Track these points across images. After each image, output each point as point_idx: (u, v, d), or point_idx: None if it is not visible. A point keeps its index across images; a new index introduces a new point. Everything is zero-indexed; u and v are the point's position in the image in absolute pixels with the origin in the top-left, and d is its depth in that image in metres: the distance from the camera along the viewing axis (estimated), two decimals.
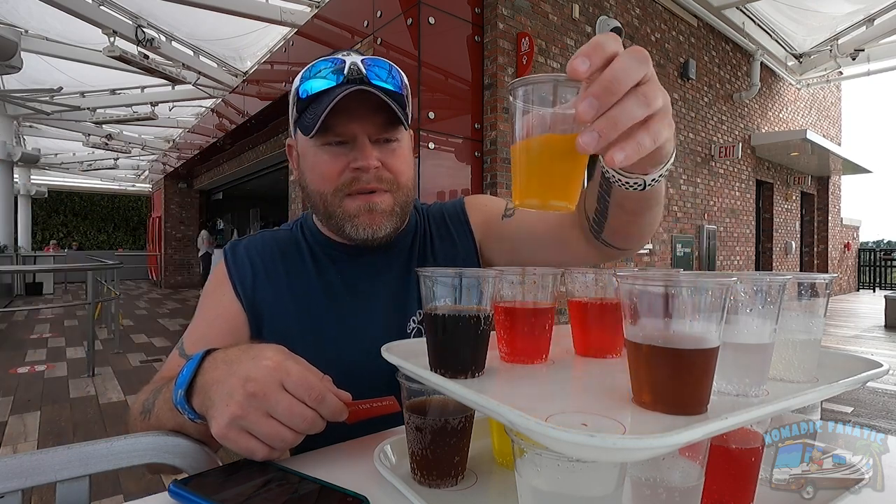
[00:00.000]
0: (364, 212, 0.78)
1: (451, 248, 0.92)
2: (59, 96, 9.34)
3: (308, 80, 0.76)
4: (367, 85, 0.75)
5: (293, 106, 0.80)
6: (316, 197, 0.81)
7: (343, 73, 0.75)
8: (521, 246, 0.86)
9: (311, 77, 0.76)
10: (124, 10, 6.33)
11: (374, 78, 0.76)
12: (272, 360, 0.54)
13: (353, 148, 0.78)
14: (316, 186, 0.80)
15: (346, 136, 0.77)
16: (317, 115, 0.72)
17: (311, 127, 0.73)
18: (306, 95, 0.76)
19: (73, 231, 20.85)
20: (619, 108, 0.36)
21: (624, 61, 0.36)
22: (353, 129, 0.76)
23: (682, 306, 0.38)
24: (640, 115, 0.37)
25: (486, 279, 0.51)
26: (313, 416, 0.54)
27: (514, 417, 0.34)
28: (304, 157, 0.82)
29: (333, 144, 0.77)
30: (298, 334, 0.80)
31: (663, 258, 6.78)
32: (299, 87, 0.77)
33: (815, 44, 9.07)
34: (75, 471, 0.57)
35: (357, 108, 0.75)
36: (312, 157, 0.79)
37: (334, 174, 0.78)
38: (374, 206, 0.79)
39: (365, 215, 0.79)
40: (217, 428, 0.53)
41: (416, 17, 4.42)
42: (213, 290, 0.84)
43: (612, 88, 0.36)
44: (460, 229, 0.94)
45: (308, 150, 0.80)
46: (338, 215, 0.79)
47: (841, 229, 12.70)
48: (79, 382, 4.17)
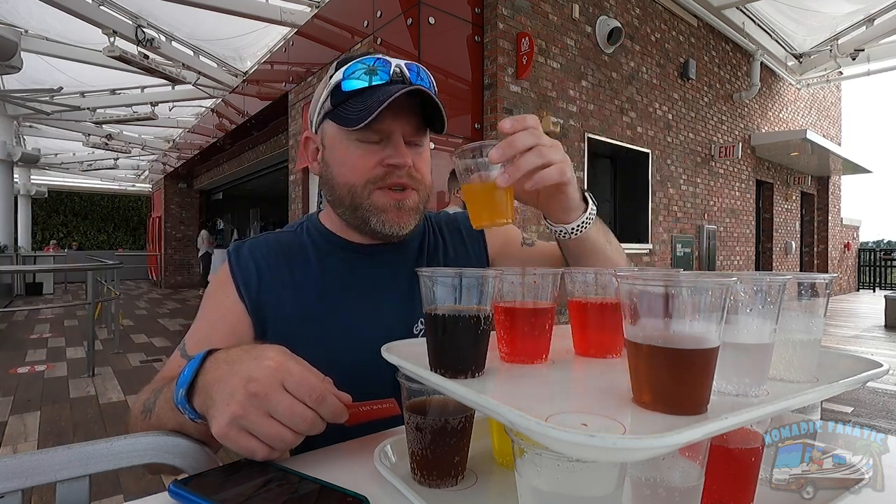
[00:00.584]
0: (393, 208, 0.81)
1: (465, 257, 0.96)
2: (59, 96, 9.34)
3: (351, 77, 0.77)
4: (409, 84, 0.78)
5: (326, 98, 0.80)
6: (343, 189, 0.82)
7: (388, 73, 0.78)
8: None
9: (354, 73, 0.78)
10: (124, 10, 6.33)
11: (416, 79, 0.79)
12: (274, 361, 0.54)
13: (388, 145, 0.80)
14: (345, 178, 0.81)
15: (384, 133, 0.79)
16: (365, 109, 0.74)
17: (358, 120, 0.75)
18: (349, 89, 0.77)
19: (73, 231, 20.85)
20: (522, 159, 0.60)
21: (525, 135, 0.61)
22: (392, 127, 0.79)
23: (682, 306, 0.38)
24: (537, 161, 0.60)
25: (486, 279, 0.51)
26: (313, 417, 0.54)
27: (514, 417, 0.34)
28: (332, 148, 0.83)
29: (368, 141, 0.79)
30: (303, 335, 0.80)
31: (663, 258, 6.78)
32: (341, 81, 0.78)
33: (815, 44, 9.07)
34: (75, 471, 0.57)
35: (398, 109, 0.77)
36: (344, 149, 0.80)
37: (367, 168, 0.80)
38: (403, 204, 0.81)
39: (393, 211, 0.81)
40: (218, 427, 0.53)
41: (416, 17, 4.42)
42: (216, 291, 0.83)
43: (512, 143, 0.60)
44: (475, 242, 0.98)
45: (339, 142, 0.81)
46: (365, 207, 0.81)
47: (841, 229, 12.70)
48: (79, 382, 4.17)
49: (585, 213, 0.71)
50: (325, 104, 0.81)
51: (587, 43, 5.56)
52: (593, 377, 0.51)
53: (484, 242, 0.99)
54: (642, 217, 6.50)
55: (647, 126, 6.39)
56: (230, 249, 0.87)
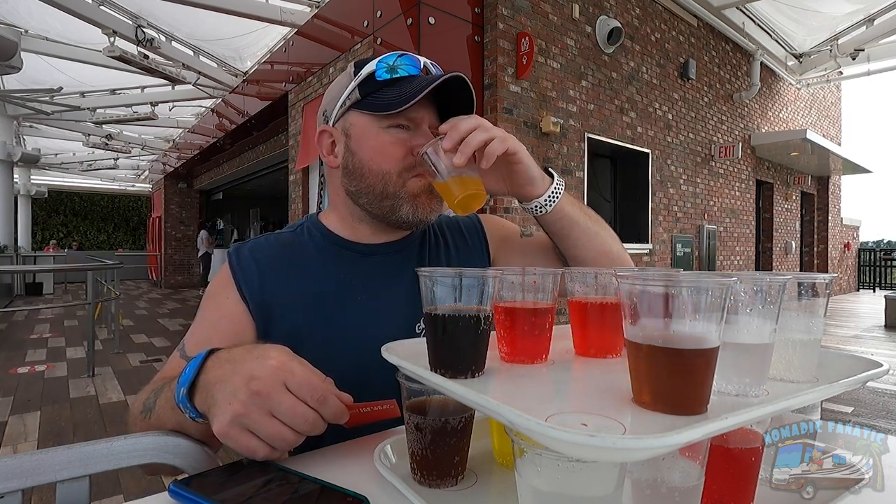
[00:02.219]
0: (426, 192, 0.83)
1: (466, 255, 0.97)
2: (59, 96, 9.33)
3: (385, 66, 0.81)
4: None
5: (354, 90, 0.82)
6: (375, 176, 0.82)
7: (419, 67, 0.83)
8: (538, 261, 0.95)
9: (387, 64, 0.81)
10: (124, 10, 6.33)
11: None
12: (276, 360, 0.54)
13: (417, 134, 0.82)
14: (378, 165, 0.82)
15: (415, 121, 0.82)
16: (407, 93, 0.77)
17: (399, 103, 0.78)
18: (383, 78, 0.81)
19: (73, 231, 20.84)
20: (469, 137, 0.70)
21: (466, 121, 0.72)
22: (422, 116, 0.82)
23: (682, 306, 0.38)
24: (482, 138, 0.70)
25: (486, 279, 0.51)
26: (315, 417, 0.54)
27: (514, 417, 0.34)
28: (361, 138, 0.83)
29: (399, 127, 0.82)
30: (306, 335, 0.80)
31: (663, 258, 6.78)
32: (374, 71, 0.81)
33: (815, 44, 9.07)
34: (75, 471, 0.57)
35: (424, 99, 0.79)
36: (375, 136, 0.82)
37: (400, 154, 0.81)
38: (434, 191, 0.83)
39: (425, 195, 0.83)
40: (219, 426, 0.53)
41: (416, 17, 4.42)
42: (217, 292, 0.83)
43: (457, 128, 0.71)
44: (477, 241, 0.99)
45: (370, 130, 0.82)
46: (399, 195, 0.82)
47: (841, 229, 12.70)
48: (79, 382, 4.17)
49: (552, 185, 0.80)
50: (353, 94, 0.82)
51: (587, 43, 5.56)
52: (593, 377, 0.51)
53: (484, 238, 1.00)
54: (642, 217, 6.50)
55: (647, 126, 6.39)
56: (231, 250, 0.87)
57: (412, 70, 0.82)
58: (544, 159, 5.13)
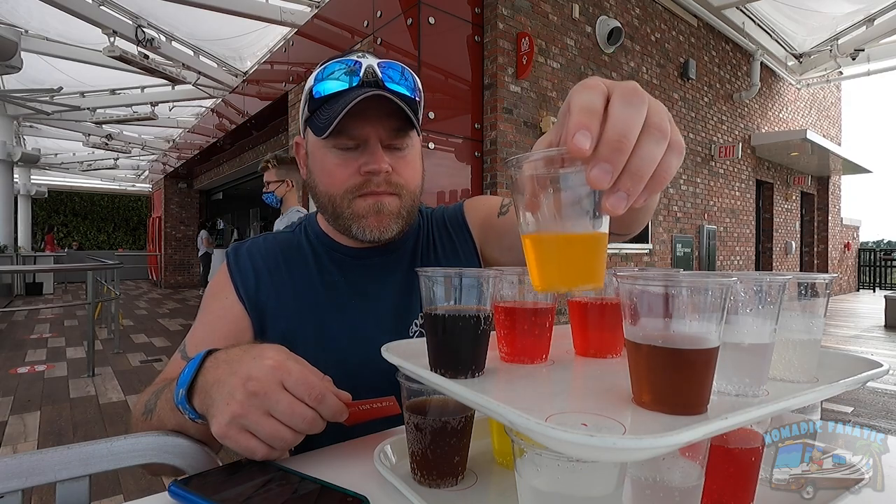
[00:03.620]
0: (372, 213, 0.79)
1: (453, 252, 0.93)
2: (59, 96, 9.34)
3: (322, 81, 0.76)
4: (382, 89, 0.75)
5: (305, 105, 0.80)
6: (324, 198, 0.81)
7: (359, 75, 0.75)
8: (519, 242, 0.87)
9: (325, 78, 0.76)
10: (124, 10, 6.33)
11: (389, 81, 0.76)
12: (273, 360, 0.54)
13: (365, 151, 0.78)
14: (325, 187, 0.80)
15: (358, 139, 0.77)
16: (331, 117, 0.72)
17: (325, 128, 0.73)
18: (320, 96, 0.76)
19: (73, 231, 20.85)
20: (638, 159, 0.33)
21: (622, 110, 0.33)
22: (366, 133, 0.76)
23: (682, 306, 0.38)
24: (660, 151, 0.34)
25: (486, 279, 0.51)
26: (313, 416, 0.54)
27: (514, 417, 0.34)
28: (313, 156, 0.82)
29: (344, 147, 0.77)
30: (301, 335, 0.80)
31: (663, 258, 6.78)
32: (313, 86, 0.76)
33: (815, 44, 9.07)
34: (75, 471, 0.57)
35: (371, 112, 0.75)
36: (322, 158, 0.79)
37: (345, 176, 0.78)
38: (382, 207, 0.79)
39: (373, 216, 0.79)
40: (217, 427, 0.53)
41: (416, 17, 4.42)
42: (216, 293, 0.84)
43: (621, 146, 0.33)
44: (460, 233, 0.95)
45: (318, 150, 0.80)
46: (346, 216, 0.80)
47: (841, 229, 12.70)
48: (79, 382, 4.17)
49: None
50: (304, 111, 0.80)
51: (587, 43, 5.56)
52: (593, 377, 0.51)
53: (468, 228, 0.95)
54: None
55: None
56: (229, 251, 0.87)
57: (339, 85, 0.75)
58: None
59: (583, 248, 0.38)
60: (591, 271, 0.38)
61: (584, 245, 0.38)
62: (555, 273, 0.40)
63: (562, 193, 0.37)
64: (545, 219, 0.38)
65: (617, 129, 0.33)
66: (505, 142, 4.75)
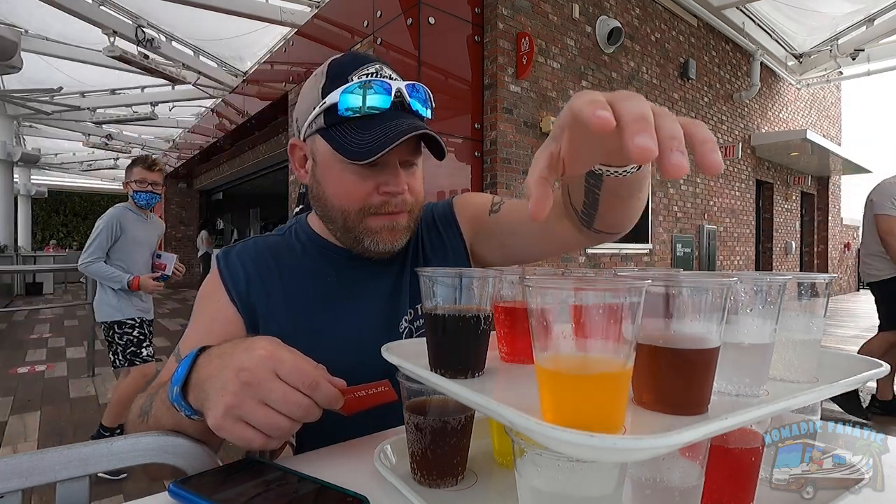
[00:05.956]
0: (386, 229, 0.80)
1: (441, 249, 0.93)
2: (59, 96, 9.34)
3: (350, 99, 0.74)
4: (410, 113, 0.76)
5: (319, 115, 0.77)
6: (336, 211, 0.81)
7: (390, 97, 0.74)
8: (510, 241, 0.88)
9: (352, 95, 0.74)
10: (124, 10, 6.33)
11: (415, 104, 0.77)
12: (265, 350, 0.54)
13: (384, 171, 0.77)
14: (338, 202, 0.80)
15: (383, 159, 0.75)
16: (372, 143, 0.71)
17: (362, 154, 0.72)
18: (349, 115, 0.74)
19: (73, 231, 20.83)
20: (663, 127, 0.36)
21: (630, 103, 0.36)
22: (389, 154, 0.74)
23: (683, 306, 0.38)
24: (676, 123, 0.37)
25: (486, 279, 0.51)
26: (308, 404, 0.54)
27: (514, 417, 0.34)
28: (323, 167, 0.80)
29: (362, 165, 0.76)
30: (293, 335, 0.80)
31: (663, 258, 6.78)
32: (337, 101, 0.74)
33: (815, 44, 9.07)
34: (75, 471, 0.57)
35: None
36: (337, 172, 0.78)
37: (362, 194, 0.78)
38: (397, 224, 0.81)
39: (387, 232, 0.80)
40: (213, 419, 0.53)
41: (416, 17, 4.42)
42: (208, 296, 0.84)
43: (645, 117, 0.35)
44: (449, 229, 0.95)
45: (332, 163, 0.78)
46: (359, 230, 0.80)
47: (841, 229, 12.70)
48: (79, 382, 4.17)
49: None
50: (318, 120, 0.78)
51: (587, 43, 5.56)
52: None
53: (458, 226, 0.95)
54: (642, 217, 6.46)
55: None
56: (220, 254, 0.86)
57: (382, 103, 0.74)
58: None
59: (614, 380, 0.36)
60: (614, 416, 0.36)
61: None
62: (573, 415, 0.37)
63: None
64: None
65: (633, 111, 0.35)
66: (505, 142, 4.75)
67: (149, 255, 2.88)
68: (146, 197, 2.75)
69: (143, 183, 2.71)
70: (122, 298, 2.70)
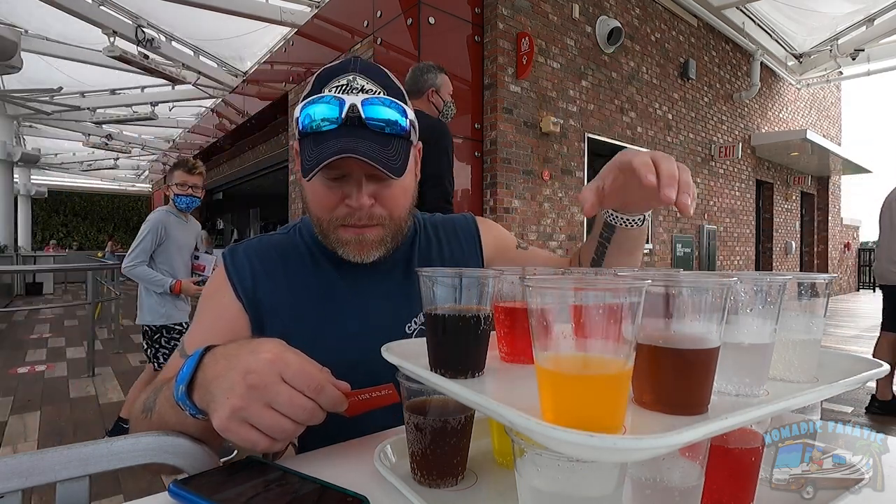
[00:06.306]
0: (354, 243, 0.80)
1: (459, 254, 0.96)
2: (59, 96, 9.34)
3: (308, 108, 0.74)
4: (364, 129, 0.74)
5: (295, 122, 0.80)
6: (314, 218, 0.83)
7: (342, 115, 0.73)
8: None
9: (308, 113, 0.74)
10: (124, 10, 6.34)
11: (379, 117, 0.74)
12: (271, 353, 0.55)
13: (348, 183, 0.77)
14: (314, 209, 0.82)
15: (344, 170, 0.76)
16: (313, 161, 0.72)
17: (307, 170, 0.73)
18: (303, 127, 0.75)
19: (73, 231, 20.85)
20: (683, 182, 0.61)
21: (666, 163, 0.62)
22: (349, 166, 0.75)
23: (683, 306, 0.38)
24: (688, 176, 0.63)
25: (486, 279, 0.51)
26: (313, 407, 0.54)
27: (514, 417, 0.34)
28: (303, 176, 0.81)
29: (329, 177, 0.77)
30: (298, 335, 0.80)
31: (663, 258, 6.78)
32: (299, 116, 0.76)
33: (815, 44, 9.07)
34: (75, 471, 0.57)
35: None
36: (310, 184, 0.79)
37: (330, 206, 0.79)
38: (364, 238, 0.80)
39: (354, 245, 0.80)
40: (218, 420, 0.53)
41: (416, 17, 4.42)
42: (213, 293, 0.84)
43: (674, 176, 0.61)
44: (470, 241, 0.98)
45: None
46: (332, 239, 0.82)
47: (841, 229, 12.70)
48: (79, 382, 4.17)
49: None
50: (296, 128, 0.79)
51: (587, 43, 5.56)
52: None
53: (479, 241, 0.99)
54: None
55: (647, 126, 6.39)
56: (226, 251, 0.87)
57: (332, 119, 0.73)
58: (544, 159, 5.13)
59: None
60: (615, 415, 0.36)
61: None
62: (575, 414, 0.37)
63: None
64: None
65: (669, 171, 0.61)
66: (505, 142, 4.76)
67: (189, 256, 2.97)
68: (187, 200, 2.82)
69: (184, 186, 2.79)
70: (168, 303, 2.77)
